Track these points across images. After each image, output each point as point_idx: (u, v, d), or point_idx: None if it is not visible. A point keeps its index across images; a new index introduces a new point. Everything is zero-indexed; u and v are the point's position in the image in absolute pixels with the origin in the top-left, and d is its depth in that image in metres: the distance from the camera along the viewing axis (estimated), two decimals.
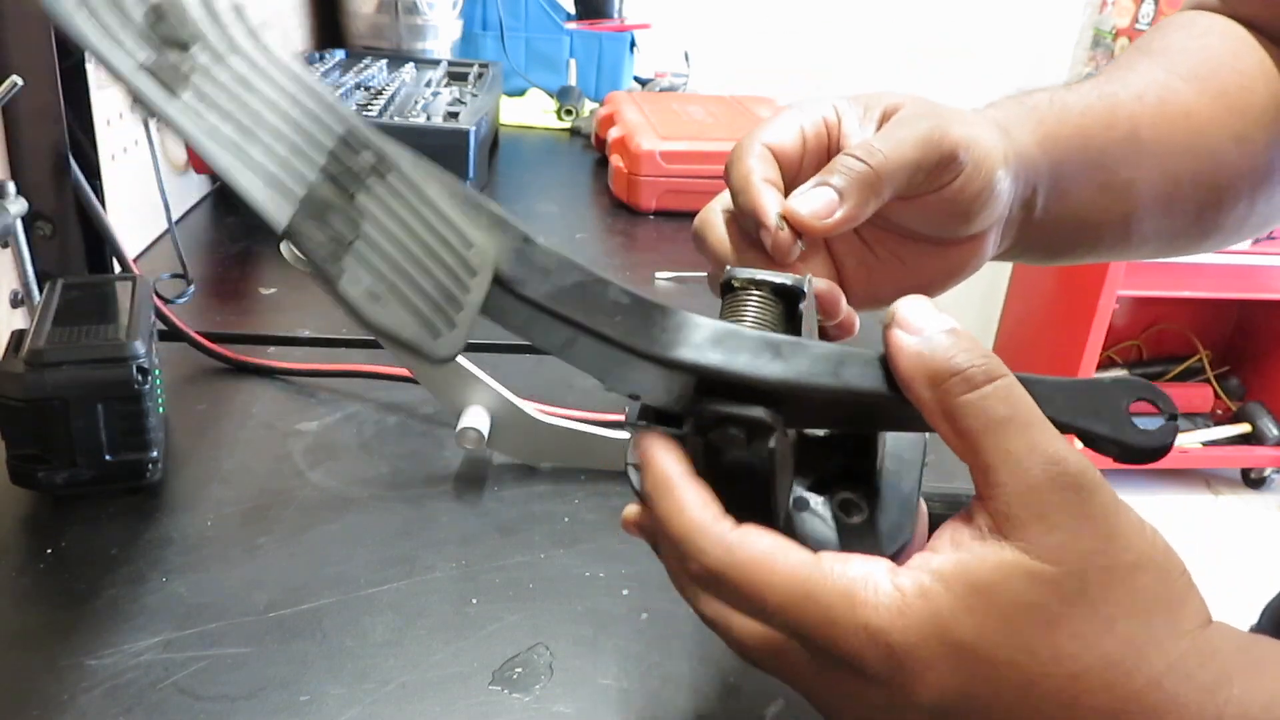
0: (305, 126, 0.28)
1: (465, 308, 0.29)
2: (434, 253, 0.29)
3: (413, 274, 0.28)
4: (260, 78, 0.28)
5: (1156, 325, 2.96)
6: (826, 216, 0.41)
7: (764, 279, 0.36)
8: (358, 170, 0.28)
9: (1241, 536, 2.67)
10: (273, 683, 0.48)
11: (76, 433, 0.57)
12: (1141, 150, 0.50)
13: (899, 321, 0.32)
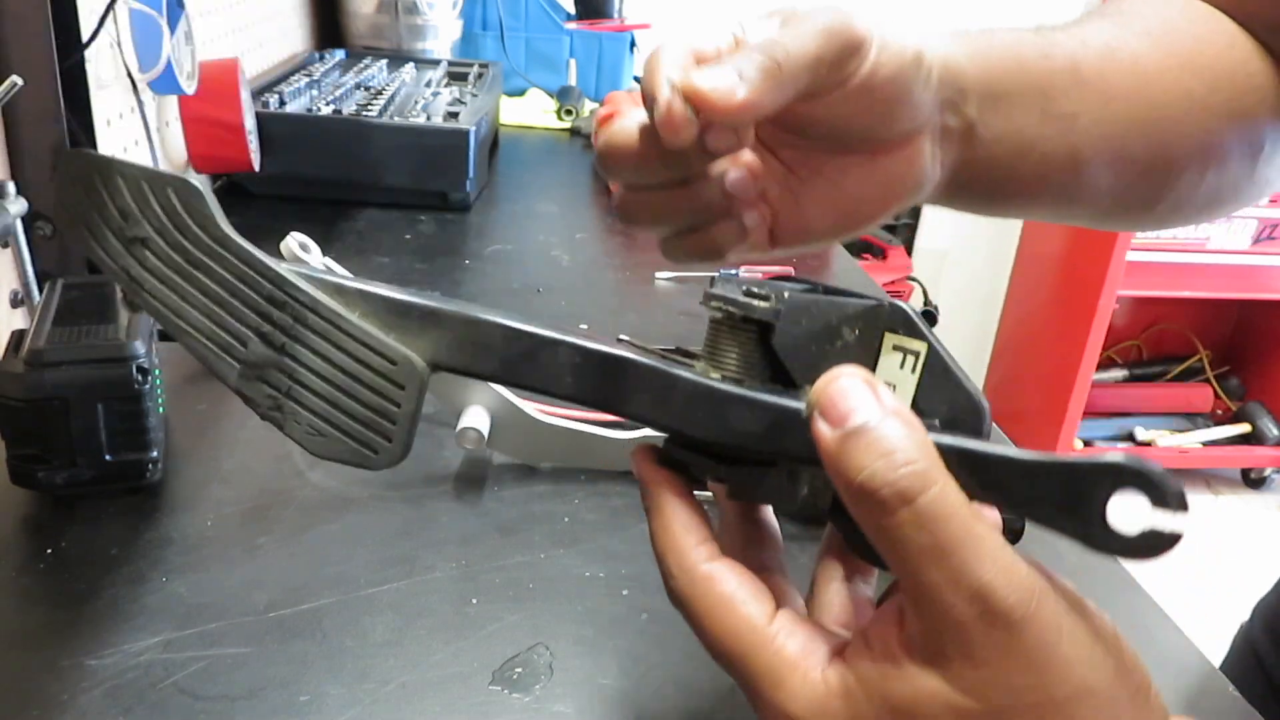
0: (238, 292, 0.32)
1: (399, 420, 0.32)
2: (360, 380, 0.32)
3: (343, 405, 0.32)
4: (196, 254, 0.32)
5: (1156, 325, 2.96)
6: (728, 95, 0.35)
7: (733, 305, 0.34)
8: (282, 324, 0.32)
9: (1241, 536, 2.67)
10: (273, 683, 0.48)
11: (76, 433, 0.57)
12: (1084, 87, 0.46)
13: (819, 404, 0.28)
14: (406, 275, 1.01)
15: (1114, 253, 2.45)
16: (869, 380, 0.28)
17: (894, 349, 0.33)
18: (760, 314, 0.33)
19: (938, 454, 0.28)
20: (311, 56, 1.54)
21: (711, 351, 0.34)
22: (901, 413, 0.28)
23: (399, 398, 0.32)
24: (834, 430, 0.28)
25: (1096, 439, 2.78)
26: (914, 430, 0.28)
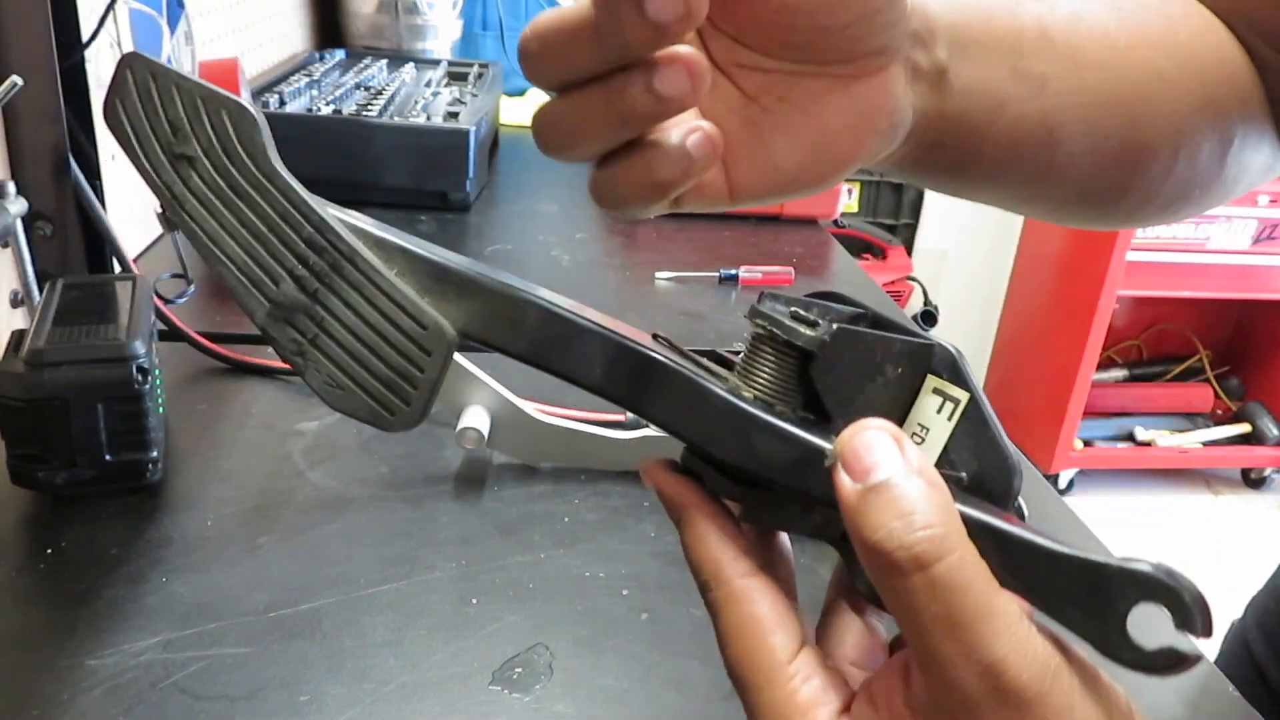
0: (277, 229, 0.31)
1: (420, 385, 0.32)
2: (388, 340, 0.31)
3: (367, 362, 0.31)
4: (236, 186, 0.31)
5: (1156, 325, 2.96)
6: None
7: (777, 327, 0.32)
8: (318, 270, 0.31)
9: (1241, 536, 2.67)
10: (273, 683, 0.48)
11: (76, 433, 0.57)
12: (1054, 49, 0.43)
13: (842, 455, 0.27)
14: None
15: (1114, 253, 2.45)
16: (896, 435, 0.27)
17: (934, 391, 0.32)
18: (804, 342, 0.31)
19: (961, 520, 0.27)
20: (311, 56, 1.54)
21: (747, 368, 0.33)
22: (926, 472, 0.27)
23: (424, 363, 0.31)
24: (855, 484, 0.27)
25: (1096, 439, 2.78)
26: (937, 493, 0.26)
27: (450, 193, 1.22)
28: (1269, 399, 2.82)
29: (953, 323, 2.83)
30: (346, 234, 0.31)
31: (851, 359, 0.31)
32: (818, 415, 0.32)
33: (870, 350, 0.32)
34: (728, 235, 1.25)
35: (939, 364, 0.31)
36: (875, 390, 0.32)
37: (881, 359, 0.32)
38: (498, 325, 0.32)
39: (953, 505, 0.27)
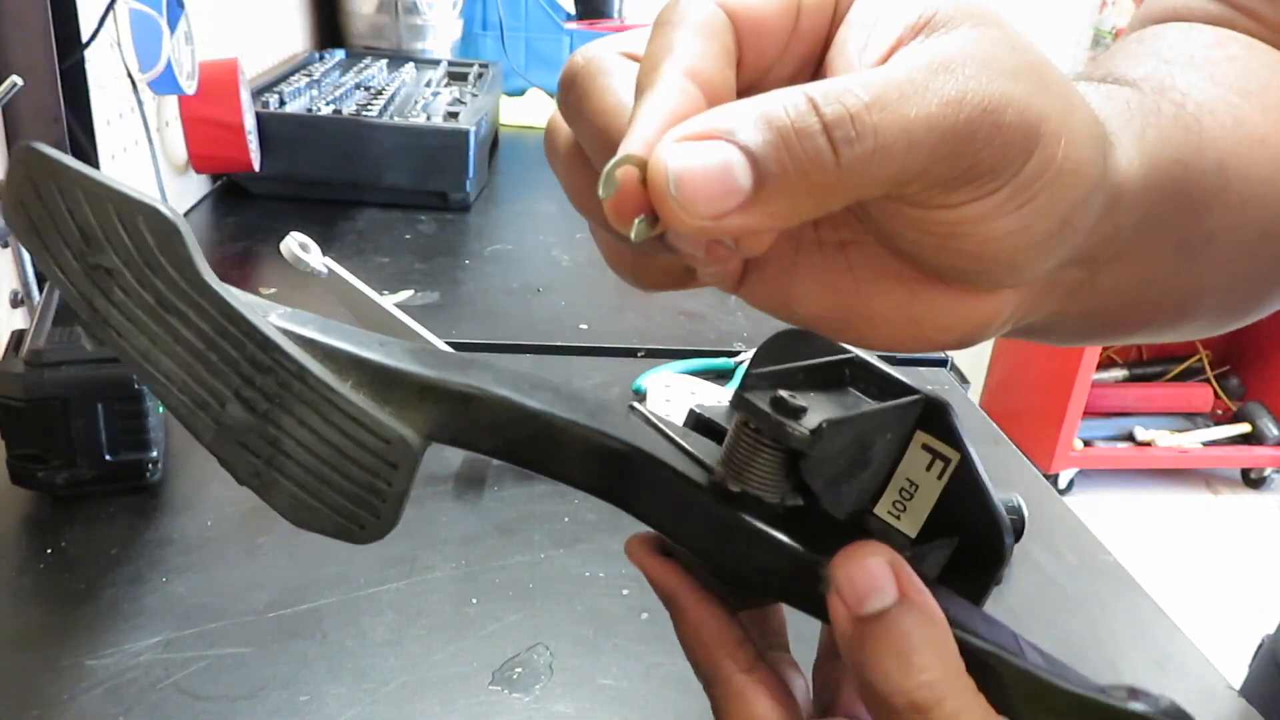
0: (216, 348, 0.28)
1: (389, 499, 0.29)
2: (349, 456, 0.29)
3: (330, 480, 0.29)
4: (169, 298, 0.28)
5: None
6: (703, 200, 0.21)
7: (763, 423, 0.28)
8: (266, 390, 0.28)
9: (1241, 536, 2.67)
10: (273, 683, 0.48)
11: (76, 433, 0.57)
12: (1227, 189, 0.33)
13: (837, 583, 0.26)
14: (407, 275, 1.01)
15: None
16: (894, 562, 0.26)
17: (924, 448, 0.30)
18: (793, 443, 0.28)
19: (958, 655, 0.26)
20: (311, 56, 1.54)
21: (733, 457, 0.29)
22: (923, 605, 0.26)
23: (391, 477, 0.29)
24: (850, 614, 0.26)
25: (1096, 439, 2.77)
26: (934, 629, 0.25)
27: (450, 193, 1.22)
28: (1269, 399, 2.82)
29: None
30: (293, 350, 0.28)
31: (841, 445, 0.29)
32: (807, 497, 0.30)
33: (859, 431, 0.29)
34: None
35: (929, 420, 0.30)
36: (865, 464, 0.30)
37: (871, 434, 0.30)
38: (465, 429, 0.30)
39: (950, 641, 0.26)
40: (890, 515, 0.31)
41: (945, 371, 0.91)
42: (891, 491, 0.31)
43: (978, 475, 0.30)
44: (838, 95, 0.21)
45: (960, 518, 0.30)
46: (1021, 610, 0.59)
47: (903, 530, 0.31)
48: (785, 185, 0.21)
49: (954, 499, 0.30)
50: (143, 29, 0.92)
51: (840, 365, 0.32)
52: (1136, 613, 0.60)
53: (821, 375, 0.32)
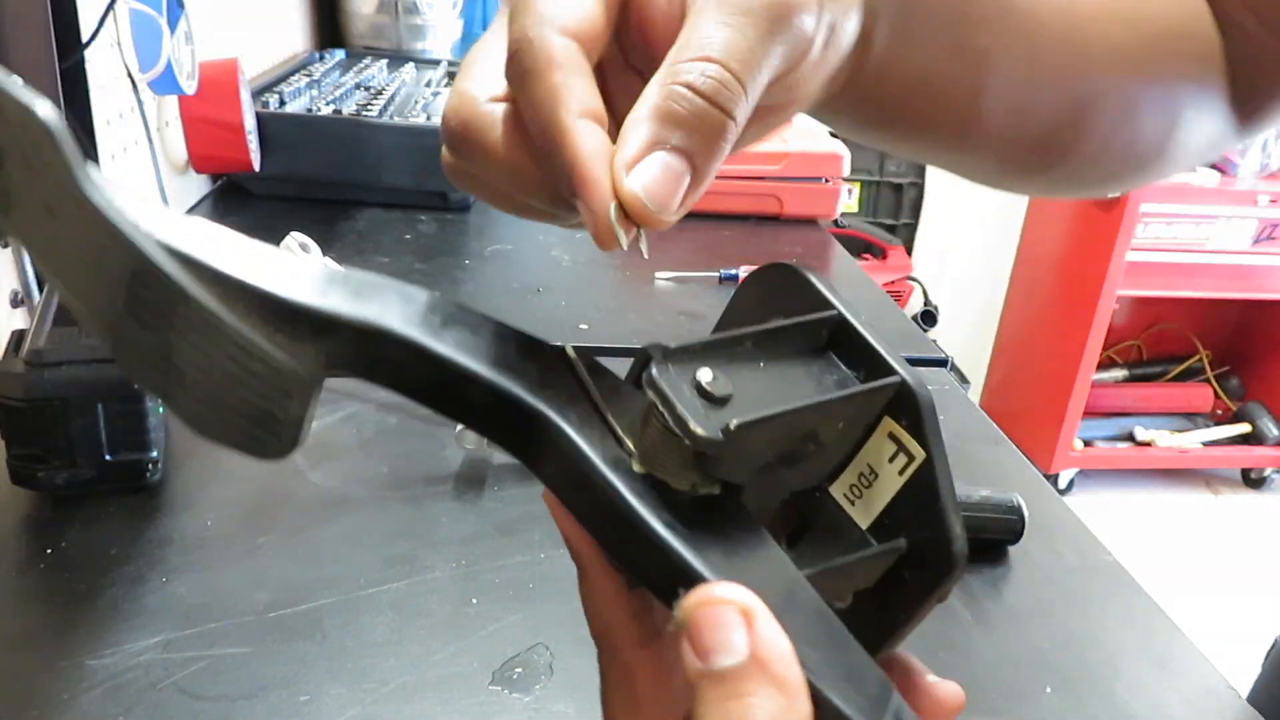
0: (103, 257, 0.26)
1: (285, 422, 0.28)
2: (239, 382, 0.27)
3: (225, 399, 0.28)
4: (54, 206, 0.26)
5: (1156, 325, 2.96)
6: (673, 200, 0.28)
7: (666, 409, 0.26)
8: (152, 306, 0.27)
9: (1241, 536, 2.67)
10: (273, 683, 0.48)
11: (76, 433, 0.57)
12: (1009, 19, 0.39)
13: (686, 627, 0.24)
14: (407, 275, 1.01)
15: (1114, 253, 2.45)
16: (748, 610, 0.24)
17: (890, 437, 0.28)
18: (695, 442, 0.25)
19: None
20: (311, 56, 1.54)
21: (643, 435, 0.27)
22: (773, 669, 0.23)
23: (285, 404, 0.27)
24: (696, 662, 0.24)
25: (1096, 439, 2.78)
26: (777, 700, 0.23)
27: (450, 193, 1.22)
28: (1269, 399, 2.82)
29: (953, 323, 2.83)
30: (175, 273, 0.26)
31: (763, 442, 0.26)
32: (727, 487, 0.27)
33: (792, 426, 0.27)
34: (727, 235, 1.25)
35: (900, 407, 0.28)
36: (810, 451, 0.28)
37: (816, 425, 0.27)
38: (365, 366, 0.28)
39: (798, 708, 0.23)
40: (846, 498, 0.29)
41: (945, 371, 0.91)
42: (851, 474, 0.29)
43: (939, 481, 0.27)
44: (701, 71, 0.28)
45: (913, 522, 0.28)
46: (1022, 610, 0.59)
47: (854, 517, 0.29)
48: (708, 153, 0.28)
49: (911, 500, 0.28)
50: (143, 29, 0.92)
51: (818, 325, 0.29)
52: (1136, 613, 0.60)
53: (794, 337, 0.29)
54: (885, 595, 0.29)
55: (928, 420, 0.27)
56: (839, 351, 0.29)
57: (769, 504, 0.30)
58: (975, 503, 0.63)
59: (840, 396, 0.27)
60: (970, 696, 0.55)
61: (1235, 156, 2.49)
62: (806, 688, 0.24)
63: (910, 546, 0.28)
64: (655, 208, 0.27)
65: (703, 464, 0.26)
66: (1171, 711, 0.52)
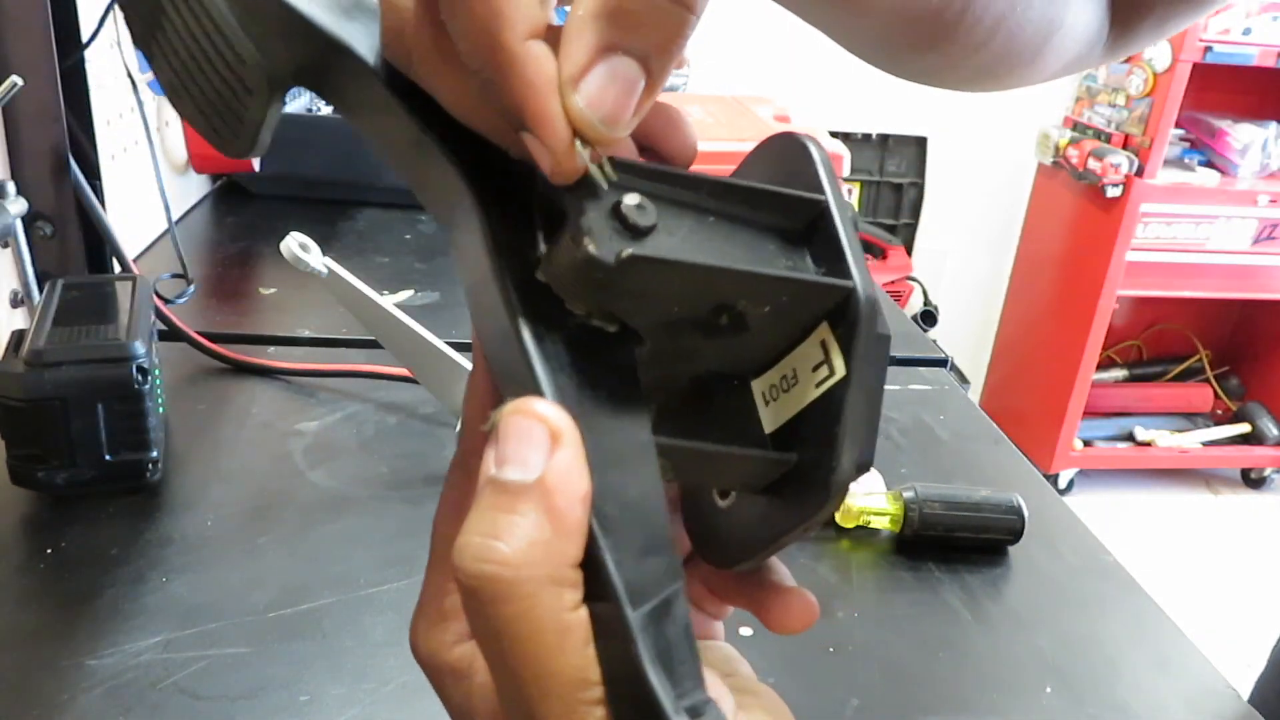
0: None
1: (246, 120, 0.28)
2: (211, 64, 0.27)
3: (198, 79, 0.28)
4: None
5: (1156, 325, 2.96)
6: (626, 114, 0.24)
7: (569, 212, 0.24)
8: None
9: (1241, 536, 2.67)
10: (273, 683, 0.48)
11: (76, 433, 0.57)
12: None
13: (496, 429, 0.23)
14: (406, 275, 1.01)
15: (1114, 253, 2.45)
16: (556, 431, 0.22)
17: (821, 345, 0.25)
18: (586, 260, 0.23)
19: (565, 567, 0.22)
20: None
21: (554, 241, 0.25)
22: (555, 495, 0.22)
23: (246, 101, 0.27)
24: (491, 468, 0.23)
25: (1096, 439, 2.77)
26: (545, 529, 0.22)
27: None
28: (1269, 399, 2.82)
29: (953, 323, 2.83)
30: None
31: (665, 291, 0.24)
32: (626, 331, 0.25)
33: (697, 284, 0.24)
34: None
35: (841, 315, 0.25)
36: (728, 327, 0.25)
37: (732, 295, 0.25)
38: (335, 84, 0.27)
39: (565, 550, 0.22)
40: (764, 397, 0.27)
41: (945, 371, 0.91)
42: (775, 373, 0.27)
43: (848, 403, 0.24)
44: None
45: (811, 439, 0.25)
46: (1022, 610, 0.59)
47: (761, 417, 0.27)
48: (665, 53, 0.24)
49: (818, 416, 0.25)
50: None
51: (797, 204, 0.26)
52: (1136, 613, 0.60)
53: (766, 206, 0.26)
54: (764, 507, 0.27)
55: (862, 337, 0.25)
56: (813, 241, 0.26)
57: (679, 371, 0.28)
58: (975, 503, 0.63)
59: (764, 274, 0.25)
60: (970, 696, 0.55)
61: (1235, 157, 2.49)
62: (583, 534, 0.22)
63: (799, 463, 0.26)
64: (607, 127, 0.24)
65: (596, 290, 0.24)
66: (1171, 711, 0.52)
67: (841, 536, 0.64)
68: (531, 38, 0.23)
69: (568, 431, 0.22)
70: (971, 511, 0.63)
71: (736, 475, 0.27)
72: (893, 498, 0.64)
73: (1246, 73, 2.43)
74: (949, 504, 0.63)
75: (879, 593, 0.60)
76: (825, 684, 0.52)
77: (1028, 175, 2.80)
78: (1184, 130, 2.59)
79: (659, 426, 0.25)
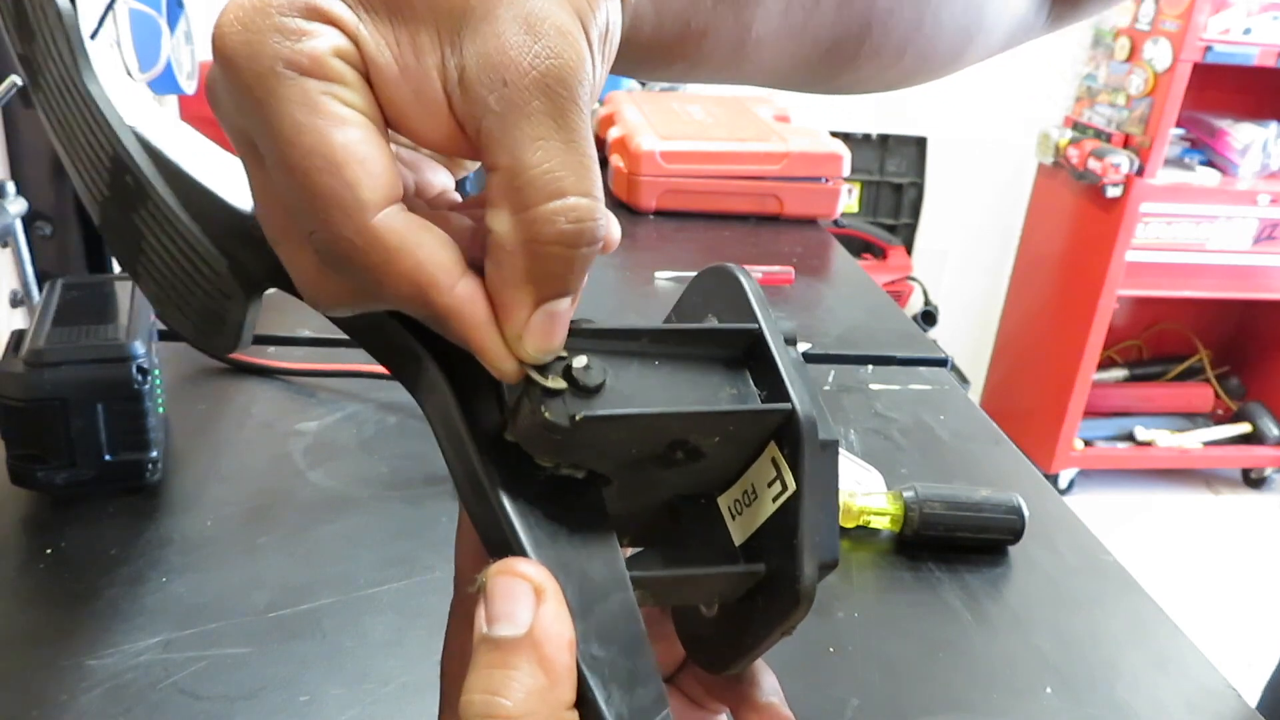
0: (93, 139, 0.29)
1: (229, 321, 0.29)
2: (190, 275, 0.29)
3: (180, 288, 0.29)
4: (64, 87, 0.29)
5: (1156, 325, 2.96)
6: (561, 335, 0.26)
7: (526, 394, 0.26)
8: (128, 190, 0.29)
9: (1241, 536, 2.67)
10: (273, 683, 0.48)
11: (76, 433, 0.57)
12: None
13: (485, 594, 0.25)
14: None
15: (1114, 253, 2.45)
16: (540, 588, 0.25)
17: (772, 462, 0.28)
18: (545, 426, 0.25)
19: (564, 708, 0.24)
20: None
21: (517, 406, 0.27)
22: (544, 646, 0.24)
23: (227, 305, 0.29)
24: (483, 626, 0.25)
25: (1096, 439, 2.77)
26: (539, 679, 0.24)
27: None
28: (1269, 399, 2.82)
29: (953, 323, 2.83)
30: (144, 164, 0.28)
31: (621, 440, 0.26)
32: (593, 475, 0.28)
33: (649, 430, 0.26)
34: (728, 235, 1.25)
35: (785, 436, 0.27)
36: (684, 458, 0.28)
37: (683, 433, 0.27)
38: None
39: (558, 693, 0.24)
40: (730, 511, 0.29)
41: (945, 371, 0.91)
42: (738, 489, 0.29)
43: (803, 517, 0.27)
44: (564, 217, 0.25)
45: (775, 550, 0.28)
46: (1022, 610, 0.59)
47: (731, 532, 0.29)
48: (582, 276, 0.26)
49: (777, 528, 0.27)
50: (142, 29, 0.91)
51: (734, 335, 0.28)
52: (1136, 613, 0.60)
53: (705, 342, 0.28)
54: (743, 614, 0.29)
55: (806, 455, 0.27)
56: (754, 366, 0.28)
57: (649, 500, 0.29)
58: (975, 503, 0.63)
59: (708, 411, 0.27)
60: (970, 696, 0.55)
61: (1235, 157, 2.49)
62: (573, 677, 0.24)
63: (768, 573, 0.28)
64: (550, 354, 0.26)
65: (558, 448, 0.26)
66: (1171, 711, 0.52)
67: (842, 536, 0.64)
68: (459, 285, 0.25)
69: (549, 586, 0.25)
70: (972, 511, 0.63)
71: (711, 591, 0.29)
72: (893, 498, 0.64)
73: (1247, 73, 2.43)
74: (949, 504, 0.63)
75: (879, 593, 0.60)
76: (825, 684, 0.52)
77: (1028, 175, 2.80)
78: (1184, 130, 2.59)
79: (635, 557, 0.28)
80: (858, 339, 0.93)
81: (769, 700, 0.31)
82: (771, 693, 0.31)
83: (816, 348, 0.90)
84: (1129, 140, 2.43)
